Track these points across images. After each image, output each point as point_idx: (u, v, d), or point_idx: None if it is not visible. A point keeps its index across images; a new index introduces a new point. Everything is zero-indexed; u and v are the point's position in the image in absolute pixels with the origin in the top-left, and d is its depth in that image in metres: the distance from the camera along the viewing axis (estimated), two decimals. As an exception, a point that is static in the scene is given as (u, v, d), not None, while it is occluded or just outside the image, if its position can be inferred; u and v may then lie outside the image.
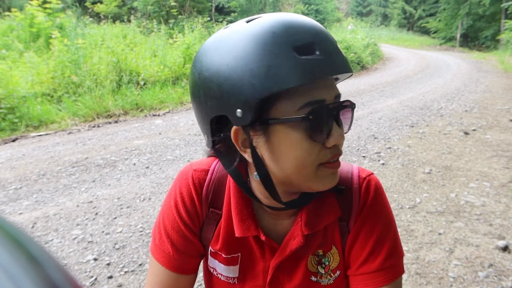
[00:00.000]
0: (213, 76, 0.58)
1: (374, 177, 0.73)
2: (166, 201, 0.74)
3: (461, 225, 2.51)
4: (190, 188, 0.72)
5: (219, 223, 0.72)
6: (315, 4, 28.77)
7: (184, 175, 0.74)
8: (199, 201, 0.72)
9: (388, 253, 0.69)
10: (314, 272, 0.72)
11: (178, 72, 7.31)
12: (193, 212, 0.72)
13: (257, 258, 0.73)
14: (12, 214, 2.67)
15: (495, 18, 19.29)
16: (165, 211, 0.73)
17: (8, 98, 4.84)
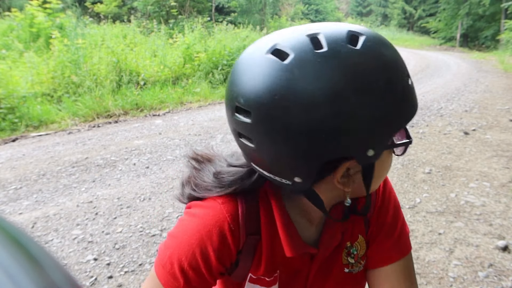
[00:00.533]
0: (345, 114, 0.50)
1: None
2: (185, 235, 0.65)
3: (461, 225, 2.51)
4: (221, 226, 0.64)
5: (258, 248, 0.68)
6: (315, 4, 28.78)
7: (211, 211, 0.65)
8: (232, 234, 0.65)
9: (399, 232, 0.75)
10: (345, 264, 0.75)
11: (178, 72, 7.31)
12: (224, 251, 0.65)
13: (296, 270, 0.72)
14: (12, 214, 2.67)
15: (495, 18, 19.29)
16: (183, 245, 0.64)
17: (8, 98, 4.84)
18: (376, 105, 0.51)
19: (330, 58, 0.50)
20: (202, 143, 4.25)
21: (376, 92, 0.51)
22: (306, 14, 27.50)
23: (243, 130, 0.56)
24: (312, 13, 28.31)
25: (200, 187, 0.69)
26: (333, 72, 0.49)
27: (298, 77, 0.49)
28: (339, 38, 0.52)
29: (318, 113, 0.49)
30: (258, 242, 0.68)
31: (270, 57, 0.52)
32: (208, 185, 0.67)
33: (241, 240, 0.66)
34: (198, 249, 0.64)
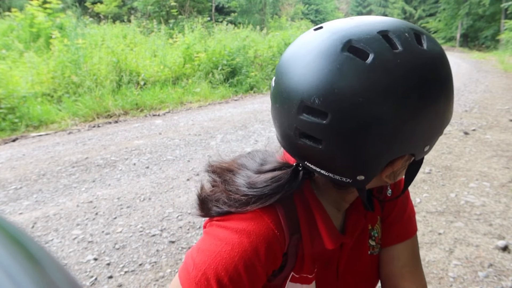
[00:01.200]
0: (422, 114, 0.52)
1: None
2: (224, 248, 0.58)
3: (461, 225, 2.51)
4: (269, 236, 0.60)
5: (300, 247, 0.66)
6: (315, 4, 28.78)
7: (257, 223, 0.60)
8: (279, 242, 0.62)
9: (409, 213, 0.79)
10: (368, 247, 0.77)
11: (178, 72, 7.31)
12: (271, 261, 0.61)
13: (328, 260, 0.71)
14: (12, 214, 2.67)
15: (495, 18, 19.30)
16: (223, 259, 0.58)
17: (8, 98, 4.84)
18: (444, 104, 0.54)
19: (408, 59, 0.50)
20: (202, 143, 4.25)
21: (444, 91, 0.53)
22: (306, 14, 27.50)
23: (312, 130, 0.53)
24: (312, 13, 28.30)
25: (235, 202, 0.62)
26: (412, 73, 0.50)
27: (381, 78, 0.49)
28: (408, 36, 0.52)
29: (400, 113, 0.50)
30: (299, 241, 0.66)
31: (349, 55, 0.50)
32: (244, 198, 0.61)
33: (286, 242, 0.64)
34: (242, 262, 0.58)
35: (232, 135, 4.53)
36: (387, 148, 0.53)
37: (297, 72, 0.53)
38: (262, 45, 9.39)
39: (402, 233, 0.78)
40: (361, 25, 0.54)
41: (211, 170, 0.69)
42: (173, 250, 2.25)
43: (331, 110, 0.50)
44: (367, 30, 0.52)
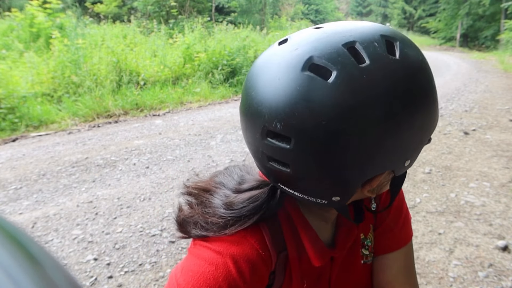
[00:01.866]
0: (397, 131, 0.49)
1: None
2: (208, 268, 0.56)
3: (461, 225, 2.51)
4: (253, 257, 0.58)
5: (287, 263, 0.65)
6: (315, 4, 28.78)
7: (239, 245, 0.58)
8: (264, 260, 0.60)
9: (404, 218, 0.77)
10: (361, 256, 0.75)
11: (178, 72, 7.31)
12: (257, 282, 0.60)
13: (318, 273, 0.70)
14: (12, 214, 2.67)
15: (495, 18, 19.30)
16: (206, 280, 0.55)
17: (8, 98, 4.84)
18: (422, 116, 0.50)
19: (375, 73, 0.46)
20: (202, 143, 4.25)
21: (421, 103, 0.49)
22: (306, 14, 27.50)
23: (277, 155, 0.51)
24: (312, 13, 28.30)
25: (212, 225, 0.59)
26: (381, 89, 0.46)
27: (345, 98, 0.45)
28: (377, 46, 0.48)
29: (371, 134, 0.47)
30: (287, 258, 0.65)
31: (310, 75, 0.46)
32: (222, 221, 0.58)
33: (273, 261, 0.62)
34: (226, 283, 0.55)
35: (232, 135, 4.53)
36: (358, 169, 0.50)
37: (259, 91, 0.50)
38: (262, 45, 9.39)
39: (395, 242, 0.75)
40: (326, 36, 0.49)
41: (186, 192, 0.65)
42: (173, 250, 2.25)
43: (294, 135, 0.47)
44: (332, 42, 0.48)
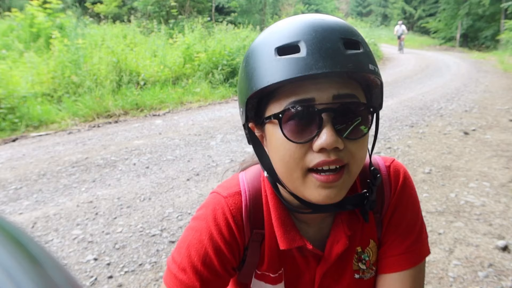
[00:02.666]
0: (240, 76, 0.63)
1: (398, 163, 0.74)
2: (194, 236, 0.67)
3: (461, 225, 2.51)
4: (227, 217, 0.66)
5: (263, 243, 0.69)
6: (315, 4, 28.80)
7: (217, 205, 0.67)
8: (238, 228, 0.67)
9: (416, 236, 0.71)
10: (356, 270, 0.72)
11: (178, 72, 7.31)
12: (234, 242, 0.67)
13: (301, 270, 0.71)
14: (12, 214, 2.67)
15: (494, 18, 19.29)
16: (193, 245, 0.66)
17: (8, 98, 4.84)
18: (242, 72, 0.61)
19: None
20: (202, 143, 4.25)
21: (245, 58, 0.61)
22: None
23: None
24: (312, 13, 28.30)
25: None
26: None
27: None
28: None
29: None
30: (264, 238, 0.68)
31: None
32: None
33: (246, 235, 0.67)
34: (210, 244, 0.65)
35: (232, 135, 4.53)
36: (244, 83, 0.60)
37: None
38: (262, 45, 9.37)
39: (405, 260, 0.69)
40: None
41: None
42: (173, 250, 2.25)
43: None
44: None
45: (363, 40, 0.58)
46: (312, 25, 0.55)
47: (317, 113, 0.54)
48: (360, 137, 0.56)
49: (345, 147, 0.55)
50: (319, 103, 0.54)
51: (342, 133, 0.55)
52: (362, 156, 0.59)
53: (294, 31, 0.55)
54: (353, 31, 0.57)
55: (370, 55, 0.57)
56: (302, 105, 0.54)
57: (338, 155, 0.55)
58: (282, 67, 0.53)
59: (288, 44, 0.54)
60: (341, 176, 0.56)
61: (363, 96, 0.59)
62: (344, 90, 0.55)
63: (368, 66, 0.55)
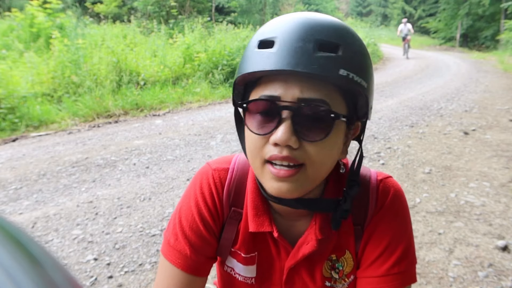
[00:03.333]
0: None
1: (392, 180, 0.72)
2: (184, 202, 0.73)
3: (461, 225, 2.51)
4: (211, 188, 0.71)
5: (240, 222, 0.72)
6: (315, 4, 28.79)
7: (204, 175, 0.73)
8: (219, 200, 0.71)
9: (398, 258, 0.67)
10: (328, 277, 0.71)
11: (178, 72, 7.31)
12: (215, 212, 0.71)
13: (273, 258, 0.73)
14: (12, 214, 2.67)
15: (494, 18, 19.30)
16: (183, 211, 0.72)
17: (8, 98, 4.84)
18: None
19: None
20: (202, 143, 4.25)
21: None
22: (306, 14, 27.50)
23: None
24: (312, 13, 28.29)
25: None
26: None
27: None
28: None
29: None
30: (240, 217, 0.72)
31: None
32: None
33: (225, 211, 0.72)
34: (196, 210, 0.71)
35: (232, 135, 4.53)
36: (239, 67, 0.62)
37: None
38: (262, 45, 9.37)
39: (379, 285, 0.67)
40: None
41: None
42: (173, 250, 2.24)
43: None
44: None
45: (349, 44, 0.56)
46: (294, 23, 0.56)
47: (278, 110, 0.56)
48: (318, 141, 0.57)
49: (302, 148, 0.57)
50: (283, 101, 0.56)
51: (299, 135, 0.56)
52: (322, 161, 0.59)
53: (276, 27, 0.58)
54: (338, 33, 0.56)
55: (350, 60, 0.55)
56: (266, 100, 0.57)
57: (291, 153, 0.56)
58: (257, 60, 0.56)
59: (267, 39, 0.57)
60: (294, 174, 0.57)
61: (342, 103, 0.59)
62: (311, 93, 0.56)
63: (338, 71, 0.54)
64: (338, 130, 0.59)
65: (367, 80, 0.58)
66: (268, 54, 0.55)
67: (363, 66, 0.58)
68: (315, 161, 0.58)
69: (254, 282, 0.74)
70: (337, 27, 0.57)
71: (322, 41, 0.55)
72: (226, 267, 0.76)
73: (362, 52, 0.59)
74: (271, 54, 0.55)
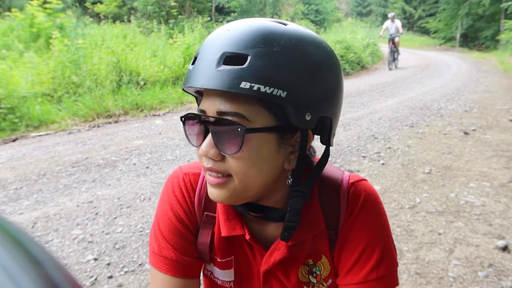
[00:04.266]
0: None
1: (364, 183, 0.71)
2: (160, 207, 0.74)
3: (461, 225, 2.51)
4: (183, 191, 0.72)
5: (215, 227, 0.72)
6: (315, 4, 28.75)
7: (175, 179, 0.74)
8: (192, 204, 0.72)
9: (376, 263, 0.66)
10: (305, 282, 0.71)
11: (178, 72, 7.31)
12: (189, 213, 0.72)
13: (250, 261, 0.73)
14: (12, 214, 2.67)
15: (494, 18, 19.30)
16: (160, 216, 0.72)
17: (8, 98, 4.84)
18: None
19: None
20: (202, 143, 4.25)
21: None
22: (306, 14, 27.50)
23: None
24: (312, 13, 28.27)
25: None
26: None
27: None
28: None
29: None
30: (214, 222, 0.72)
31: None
32: None
33: (198, 215, 0.72)
34: (172, 213, 0.71)
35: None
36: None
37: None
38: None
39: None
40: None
41: None
42: (173, 250, 2.24)
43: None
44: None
45: (264, 53, 0.54)
46: (212, 36, 0.59)
47: (201, 124, 0.60)
48: (233, 154, 0.57)
49: (225, 159, 0.59)
50: (206, 116, 0.59)
51: (218, 146, 0.58)
52: (245, 173, 0.58)
53: (204, 42, 0.60)
54: (250, 43, 0.54)
55: (260, 70, 0.53)
56: (195, 115, 0.61)
57: (214, 164, 0.59)
58: (186, 76, 0.60)
59: (196, 54, 0.60)
60: (223, 182, 0.60)
61: (264, 114, 0.57)
62: (226, 107, 0.56)
63: (240, 83, 0.53)
64: (258, 143, 0.57)
65: (290, 89, 0.54)
66: (189, 71, 0.59)
67: (282, 74, 0.54)
68: (238, 172, 0.59)
69: (233, 285, 0.75)
70: (252, 36, 0.55)
71: (228, 53, 0.54)
72: (206, 271, 0.77)
73: (287, 59, 0.55)
74: (190, 71, 0.58)
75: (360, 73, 10.86)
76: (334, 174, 0.71)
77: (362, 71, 11.22)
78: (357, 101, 6.65)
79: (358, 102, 6.58)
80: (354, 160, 3.75)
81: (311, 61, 0.57)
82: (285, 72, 0.55)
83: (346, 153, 3.91)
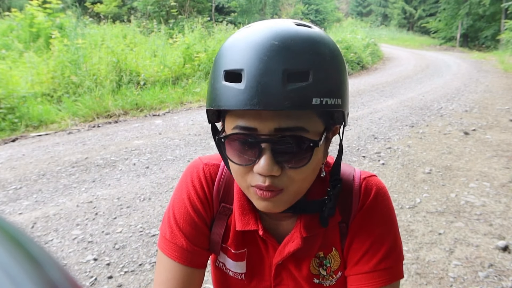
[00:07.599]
0: None
1: (376, 179, 0.74)
2: (176, 195, 0.75)
3: (461, 225, 2.51)
4: (202, 181, 0.73)
5: (230, 218, 0.73)
6: (315, 4, 28.76)
7: (194, 169, 0.75)
8: (210, 194, 0.73)
9: (384, 255, 0.68)
10: (316, 274, 0.73)
11: (178, 72, 7.31)
12: (206, 204, 0.73)
13: (263, 254, 0.74)
14: (12, 214, 2.67)
15: (495, 18, 19.30)
16: (176, 204, 0.73)
17: (8, 98, 4.84)
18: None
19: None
20: (202, 143, 4.25)
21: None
22: (306, 14, 27.51)
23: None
24: (312, 13, 28.29)
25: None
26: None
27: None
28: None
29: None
30: (231, 213, 0.73)
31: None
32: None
33: (215, 205, 0.73)
34: (189, 202, 0.72)
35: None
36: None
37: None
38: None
39: (367, 281, 0.68)
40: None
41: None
42: (173, 250, 2.24)
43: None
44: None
45: (320, 64, 0.54)
46: (259, 50, 0.53)
47: (257, 143, 0.57)
48: (301, 167, 0.58)
49: (284, 173, 0.58)
50: (260, 134, 0.56)
51: (280, 163, 0.57)
52: (304, 178, 0.61)
53: (241, 56, 0.54)
54: (308, 56, 0.53)
55: (323, 83, 0.53)
56: (244, 133, 0.57)
57: (273, 181, 0.58)
58: (225, 95, 0.54)
59: (233, 71, 0.54)
60: (279, 193, 0.60)
61: (318, 121, 0.58)
62: (287, 123, 0.55)
63: (311, 100, 0.52)
64: (318, 151, 0.59)
65: (341, 95, 0.57)
66: (237, 91, 0.53)
67: (337, 83, 0.56)
68: (297, 181, 0.60)
69: (244, 277, 0.76)
70: (306, 47, 0.54)
71: (291, 70, 0.52)
72: (218, 262, 0.78)
73: (333, 65, 0.56)
74: (240, 91, 0.52)
75: (360, 73, 10.86)
76: (346, 169, 0.74)
77: (362, 71, 11.22)
78: (357, 101, 6.65)
79: (358, 102, 6.58)
80: (354, 160, 3.75)
81: (342, 62, 0.60)
82: (337, 80, 0.56)
83: (346, 153, 3.91)
